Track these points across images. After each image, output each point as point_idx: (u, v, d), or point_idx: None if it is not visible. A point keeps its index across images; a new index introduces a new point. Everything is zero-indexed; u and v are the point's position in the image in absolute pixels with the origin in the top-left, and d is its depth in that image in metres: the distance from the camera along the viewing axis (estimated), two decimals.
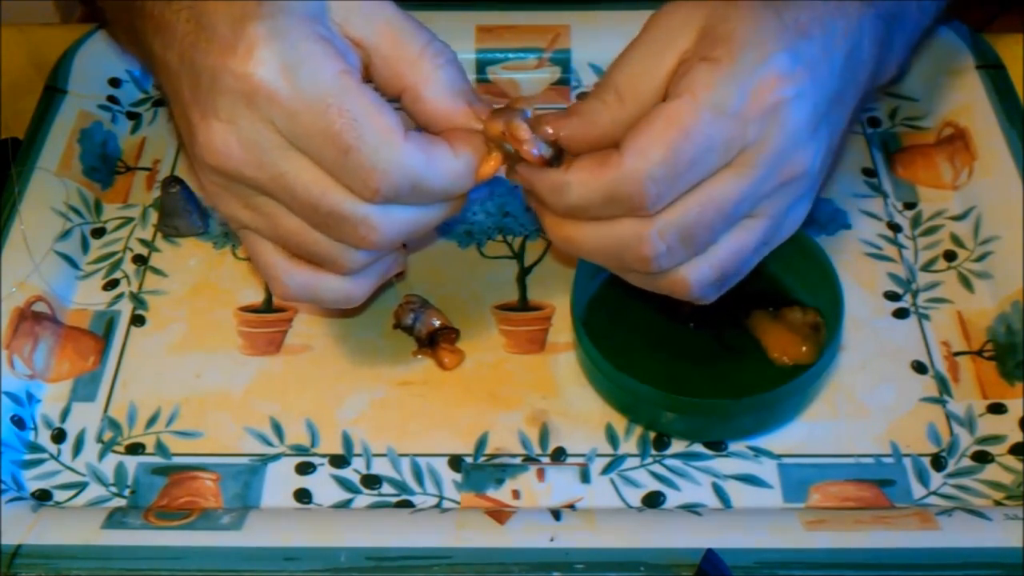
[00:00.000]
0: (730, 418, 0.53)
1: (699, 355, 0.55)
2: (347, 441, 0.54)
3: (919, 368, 0.56)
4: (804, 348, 0.54)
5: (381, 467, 0.53)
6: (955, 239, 0.61)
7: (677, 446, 0.54)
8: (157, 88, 0.70)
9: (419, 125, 0.48)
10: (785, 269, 0.56)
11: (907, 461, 0.53)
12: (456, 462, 0.53)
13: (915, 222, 0.63)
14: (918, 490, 0.52)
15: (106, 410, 0.56)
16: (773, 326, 0.55)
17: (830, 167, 0.50)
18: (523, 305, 0.59)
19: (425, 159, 0.45)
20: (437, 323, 0.57)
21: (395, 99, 0.48)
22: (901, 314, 0.59)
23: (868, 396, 0.55)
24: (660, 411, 0.53)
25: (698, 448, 0.54)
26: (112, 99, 0.69)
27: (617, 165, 0.44)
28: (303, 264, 0.49)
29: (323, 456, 0.54)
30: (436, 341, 0.57)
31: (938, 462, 0.53)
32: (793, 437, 0.54)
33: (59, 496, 0.53)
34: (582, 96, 0.69)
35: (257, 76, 0.43)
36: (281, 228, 0.47)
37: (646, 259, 0.46)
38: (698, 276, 0.47)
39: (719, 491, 0.52)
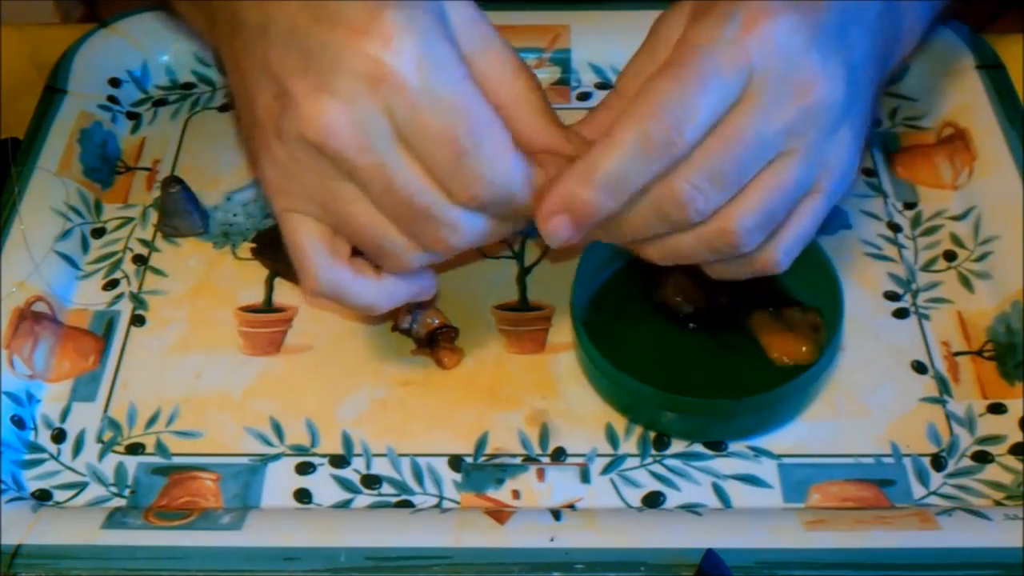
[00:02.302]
0: (730, 418, 0.53)
1: (699, 355, 0.55)
2: (347, 441, 0.54)
3: (919, 368, 0.56)
4: (804, 348, 0.54)
5: (381, 467, 0.53)
6: (955, 239, 0.61)
7: (677, 446, 0.54)
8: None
9: None
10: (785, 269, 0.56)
11: (907, 461, 0.53)
12: (456, 462, 0.53)
13: (915, 222, 0.62)
14: (918, 490, 0.52)
15: (106, 410, 0.56)
16: (773, 326, 0.55)
17: (868, 129, 0.49)
18: (523, 305, 0.59)
19: (524, 175, 0.45)
20: (436, 322, 0.57)
21: None
22: (901, 314, 0.58)
23: (868, 396, 0.55)
24: (660, 411, 0.53)
25: (698, 448, 0.54)
26: (112, 99, 0.69)
27: (629, 111, 0.44)
28: (343, 261, 0.48)
29: (323, 456, 0.54)
30: (435, 340, 0.57)
31: (938, 462, 0.53)
32: (793, 437, 0.54)
33: (59, 496, 0.53)
34: (583, 96, 0.69)
35: (391, 63, 0.42)
36: (352, 215, 0.46)
37: (683, 206, 0.45)
38: (740, 219, 0.46)
39: (719, 491, 0.52)
